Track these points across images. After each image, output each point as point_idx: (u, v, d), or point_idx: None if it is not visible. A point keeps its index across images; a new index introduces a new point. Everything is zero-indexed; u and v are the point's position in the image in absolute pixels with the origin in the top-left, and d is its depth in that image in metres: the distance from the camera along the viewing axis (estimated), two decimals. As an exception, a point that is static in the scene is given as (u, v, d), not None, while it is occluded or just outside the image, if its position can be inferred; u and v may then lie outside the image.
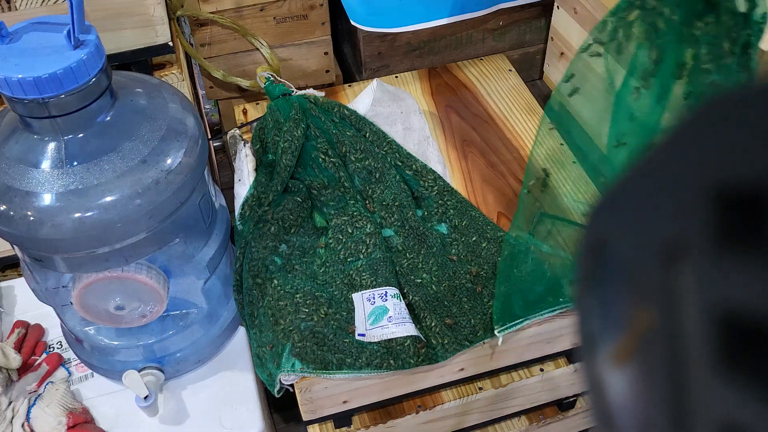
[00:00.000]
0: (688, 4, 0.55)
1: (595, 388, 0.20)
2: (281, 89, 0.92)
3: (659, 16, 0.58)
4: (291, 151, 0.85)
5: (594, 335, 0.21)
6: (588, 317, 0.21)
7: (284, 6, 1.03)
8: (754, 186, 0.15)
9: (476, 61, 1.07)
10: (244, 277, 0.78)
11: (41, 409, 0.76)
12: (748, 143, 0.15)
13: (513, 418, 0.88)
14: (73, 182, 0.62)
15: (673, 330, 0.17)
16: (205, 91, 1.12)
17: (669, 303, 0.17)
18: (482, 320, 0.73)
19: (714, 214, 0.16)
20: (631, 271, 0.19)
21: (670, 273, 0.17)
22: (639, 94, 0.62)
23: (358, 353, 0.70)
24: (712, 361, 0.16)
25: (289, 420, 1.03)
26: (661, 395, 0.17)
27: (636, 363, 0.19)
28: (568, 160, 0.80)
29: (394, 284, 0.76)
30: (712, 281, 0.16)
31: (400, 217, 0.83)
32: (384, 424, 0.79)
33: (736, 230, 0.15)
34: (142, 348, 0.78)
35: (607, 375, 0.20)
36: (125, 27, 0.83)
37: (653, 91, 0.61)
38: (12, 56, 0.60)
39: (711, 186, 0.16)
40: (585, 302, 0.21)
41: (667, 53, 0.58)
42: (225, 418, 0.79)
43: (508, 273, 0.75)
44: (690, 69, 0.58)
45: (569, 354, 0.81)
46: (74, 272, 0.69)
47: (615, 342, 0.20)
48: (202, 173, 0.71)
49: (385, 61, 1.09)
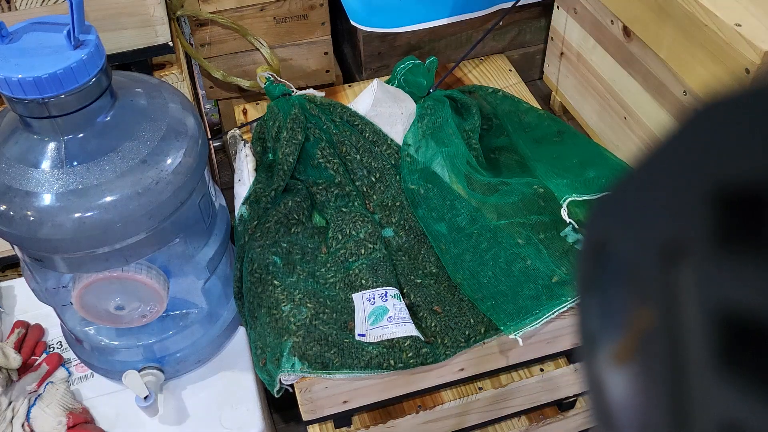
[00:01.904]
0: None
1: (595, 388, 0.20)
2: (281, 89, 0.92)
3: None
4: (291, 151, 0.85)
5: (594, 335, 0.21)
6: (588, 317, 0.21)
7: (284, 6, 1.03)
8: (754, 186, 0.15)
9: (476, 61, 1.07)
10: (244, 277, 0.78)
11: (41, 409, 0.76)
12: (747, 144, 0.15)
13: (513, 418, 0.88)
14: (73, 182, 0.62)
15: (673, 330, 0.17)
16: (205, 91, 1.12)
17: (669, 303, 0.17)
18: (482, 320, 0.73)
19: (714, 214, 0.16)
20: (631, 271, 0.19)
21: (670, 273, 0.17)
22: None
23: (358, 353, 0.70)
24: (712, 361, 0.16)
25: (289, 420, 1.03)
26: (661, 395, 0.17)
27: (636, 363, 0.19)
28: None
29: (394, 284, 0.76)
30: (712, 281, 0.16)
31: (400, 217, 0.83)
32: (384, 424, 0.79)
33: (736, 230, 0.15)
34: (142, 348, 0.78)
35: (608, 375, 0.20)
36: (125, 27, 0.83)
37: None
38: (12, 56, 0.60)
39: (711, 186, 0.16)
40: (585, 302, 0.21)
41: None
42: (225, 418, 0.79)
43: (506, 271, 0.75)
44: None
45: (569, 354, 0.81)
46: (74, 272, 0.69)
47: (615, 342, 0.20)
48: (202, 173, 0.71)
49: (385, 61, 1.09)
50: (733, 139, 0.15)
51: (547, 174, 0.84)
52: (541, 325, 0.71)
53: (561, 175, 0.84)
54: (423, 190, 0.85)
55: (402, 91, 0.94)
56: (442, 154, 0.86)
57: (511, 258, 0.76)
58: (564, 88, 1.07)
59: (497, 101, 0.95)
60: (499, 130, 0.93)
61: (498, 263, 0.76)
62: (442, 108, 0.90)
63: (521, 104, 0.95)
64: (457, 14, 1.04)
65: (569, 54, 1.03)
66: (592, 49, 0.96)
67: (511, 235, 0.78)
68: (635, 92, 0.88)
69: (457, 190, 0.84)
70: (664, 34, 0.79)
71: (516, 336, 0.70)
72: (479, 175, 0.84)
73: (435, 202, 0.84)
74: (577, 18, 0.98)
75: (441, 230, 0.81)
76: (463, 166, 0.85)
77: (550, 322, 0.72)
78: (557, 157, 0.88)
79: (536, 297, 0.72)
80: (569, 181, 0.82)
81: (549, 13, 1.08)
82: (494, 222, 0.80)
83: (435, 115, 0.90)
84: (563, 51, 1.04)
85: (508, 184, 0.83)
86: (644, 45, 0.83)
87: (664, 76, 0.81)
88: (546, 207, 0.81)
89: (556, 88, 1.10)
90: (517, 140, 0.91)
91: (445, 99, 0.92)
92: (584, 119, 1.02)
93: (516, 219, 0.80)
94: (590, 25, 0.95)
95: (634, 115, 0.89)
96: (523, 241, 0.77)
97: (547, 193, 0.81)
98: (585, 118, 1.02)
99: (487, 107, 0.94)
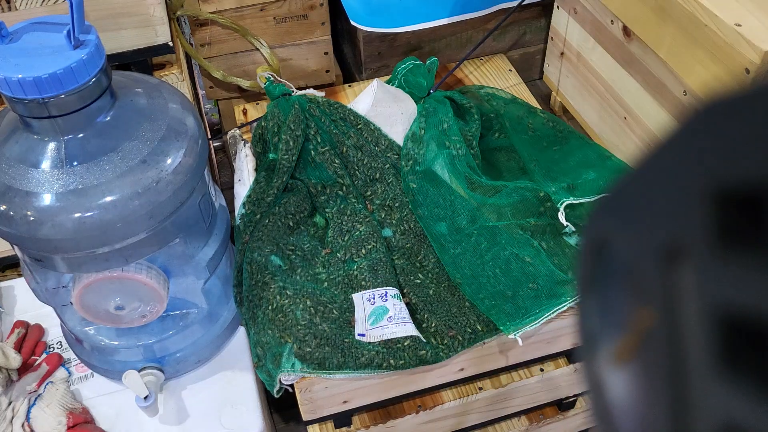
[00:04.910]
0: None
1: (596, 388, 0.20)
2: (281, 89, 0.92)
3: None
4: (291, 151, 0.85)
5: (594, 335, 0.21)
6: (588, 317, 0.21)
7: (284, 6, 1.03)
8: (754, 186, 0.15)
9: (476, 61, 1.07)
10: (244, 277, 0.78)
11: (41, 409, 0.76)
12: (747, 144, 0.15)
13: (513, 418, 0.88)
14: (73, 182, 0.62)
15: (673, 330, 0.17)
16: (205, 91, 1.12)
17: (669, 303, 0.17)
18: (482, 320, 0.73)
19: (714, 214, 0.16)
20: (631, 271, 0.19)
21: (670, 273, 0.17)
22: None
23: (358, 353, 0.70)
24: (712, 362, 0.16)
25: (289, 420, 1.03)
26: (660, 395, 0.17)
27: (636, 363, 0.19)
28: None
29: (394, 284, 0.76)
30: (712, 281, 0.16)
31: (400, 217, 0.83)
32: (384, 424, 0.79)
33: (736, 231, 0.15)
34: (142, 348, 0.78)
35: (608, 375, 0.20)
36: (125, 27, 0.83)
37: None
38: (12, 56, 0.60)
39: (711, 186, 0.16)
40: (585, 302, 0.21)
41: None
42: (225, 418, 0.79)
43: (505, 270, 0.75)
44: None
45: (569, 354, 0.81)
46: (74, 272, 0.69)
47: (615, 342, 0.20)
48: (202, 173, 0.71)
49: (385, 61, 1.09)
50: (733, 139, 0.15)
51: (545, 178, 0.84)
52: (541, 325, 0.71)
53: (559, 178, 0.84)
54: (423, 190, 0.85)
55: (402, 91, 0.94)
56: (443, 155, 0.86)
57: (511, 258, 0.76)
58: (564, 88, 1.07)
59: (497, 101, 0.95)
60: (499, 131, 0.93)
61: (498, 263, 0.76)
62: (443, 109, 0.90)
63: (521, 105, 0.95)
64: (457, 14, 1.04)
65: (569, 54, 1.03)
66: (592, 49, 0.96)
67: (511, 235, 0.78)
68: (635, 92, 0.88)
69: (458, 191, 0.84)
70: (664, 34, 0.79)
71: (516, 336, 0.70)
72: (479, 177, 0.84)
73: (435, 202, 0.83)
74: (577, 18, 0.98)
75: (441, 230, 0.81)
76: (464, 168, 0.85)
77: (550, 322, 0.72)
78: (557, 159, 0.88)
79: (536, 297, 0.72)
80: (567, 184, 0.82)
81: (549, 13, 1.08)
82: (494, 222, 0.80)
83: (436, 115, 0.90)
84: (563, 51, 1.04)
85: (507, 187, 0.83)
86: (644, 45, 0.83)
87: (664, 76, 0.81)
88: (546, 208, 0.81)
89: (556, 88, 1.10)
90: (517, 141, 0.91)
91: (446, 100, 0.92)
92: (584, 119, 1.02)
93: (516, 220, 0.80)
94: (590, 25, 0.95)
95: (634, 115, 0.89)
96: (523, 242, 0.77)
97: (546, 195, 0.81)
98: (585, 118, 1.02)
99: (487, 107, 0.94)
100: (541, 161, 0.88)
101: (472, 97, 0.94)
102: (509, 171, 0.89)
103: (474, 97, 0.95)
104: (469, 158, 0.86)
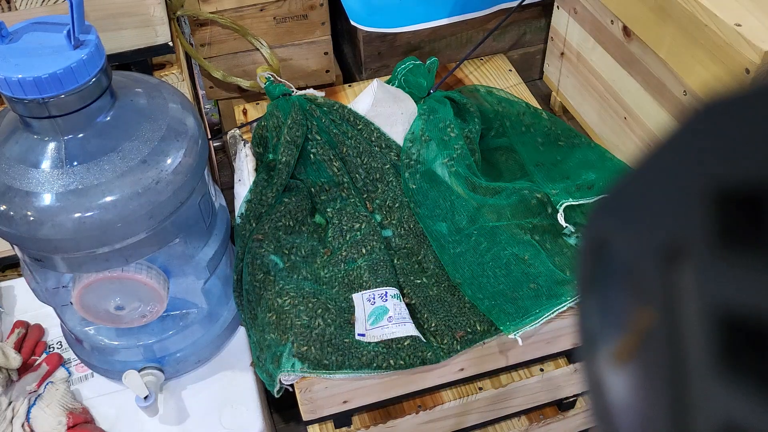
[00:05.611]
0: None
1: (596, 388, 0.20)
2: (281, 89, 0.92)
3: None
4: (291, 151, 0.85)
5: (594, 335, 0.21)
6: (588, 317, 0.21)
7: (284, 6, 1.03)
8: (754, 186, 0.15)
9: (476, 61, 1.07)
10: (244, 277, 0.78)
11: (41, 409, 0.76)
12: (747, 144, 0.15)
13: (513, 418, 0.88)
14: (73, 182, 0.62)
15: (673, 330, 0.17)
16: (205, 91, 1.12)
17: (669, 303, 0.17)
18: (482, 320, 0.73)
19: (714, 214, 0.16)
20: (631, 271, 0.19)
21: (670, 273, 0.17)
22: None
23: (359, 353, 0.70)
24: (712, 362, 0.16)
25: (289, 420, 1.03)
26: (661, 395, 0.17)
27: (636, 363, 0.19)
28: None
29: (394, 284, 0.76)
30: (711, 281, 0.16)
31: (400, 218, 0.83)
32: (384, 424, 0.79)
33: (736, 231, 0.15)
34: (142, 348, 0.78)
35: (608, 375, 0.20)
36: (125, 27, 0.83)
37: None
38: (12, 56, 0.60)
39: (711, 186, 0.16)
40: (585, 302, 0.21)
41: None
42: (225, 418, 0.79)
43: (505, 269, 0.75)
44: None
45: (569, 354, 0.81)
46: (74, 272, 0.69)
47: (615, 342, 0.20)
48: (202, 173, 0.71)
49: (385, 61, 1.09)
50: (733, 139, 0.15)
51: (545, 178, 0.84)
52: (541, 325, 0.71)
53: (559, 180, 0.84)
54: (423, 191, 0.85)
55: (402, 91, 0.94)
56: (443, 156, 0.86)
57: (511, 258, 0.76)
58: (564, 88, 1.07)
59: (497, 101, 0.95)
60: (498, 131, 0.93)
61: (498, 263, 0.76)
62: (443, 109, 0.90)
63: (521, 105, 0.95)
64: (457, 14, 1.04)
65: (569, 54, 1.03)
66: (592, 49, 0.96)
67: (511, 235, 0.78)
68: (635, 92, 0.88)
69: (457, 191, 0.84)
70: (664, 34, 0.79)
71: (516, 336, 0.70)
72: (479, 179, 0.84)
73: (435, 203, 0.84)
74: (577, 18, 0.98)
75: (441, 230, 0.81)
76: (463, 169, 0.85)
77: (549, 322, 0.72)
78: (557, 159, 0.88)
79: (536, 297, 0.72)
80: (566, 185, 0.82)
81: (549, 13, 1.08)
82: (494, 222, 0.80)
83: (436, 116, 0.90)
84: (563, 51, 1.04)
85: (507, 189, 0.83)
86: (644, 45, 0.83)
87: (664, 76, 0.81)
88: (545, 208, 0.81)
89: (556, 88, 1.10)
90: (517, 142, 0.91)
91: (446, 100, 0.92)
92: (584, 119, 1.02)
93: (516, 220, 0.80)
94: (590, 25, 0.95)
95: (634, 115, 0.89)
96: (523, 242, 0.77)
97: (546, 195, 0.81)
98: (585, 118, 1.02)
99: (488, 107, 0.94)
100: (541, 162, 0.88)
101: (472, 97, 0.94)
102: (509, 171, 0.89)
103: (474, 97, 0.95)
104: (469, 158, 0.86)
